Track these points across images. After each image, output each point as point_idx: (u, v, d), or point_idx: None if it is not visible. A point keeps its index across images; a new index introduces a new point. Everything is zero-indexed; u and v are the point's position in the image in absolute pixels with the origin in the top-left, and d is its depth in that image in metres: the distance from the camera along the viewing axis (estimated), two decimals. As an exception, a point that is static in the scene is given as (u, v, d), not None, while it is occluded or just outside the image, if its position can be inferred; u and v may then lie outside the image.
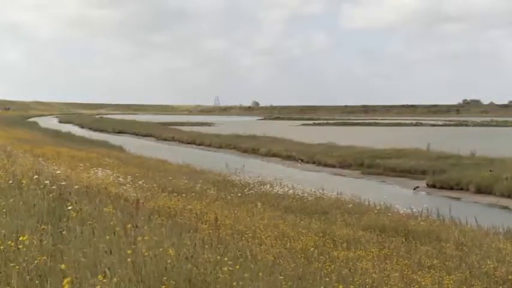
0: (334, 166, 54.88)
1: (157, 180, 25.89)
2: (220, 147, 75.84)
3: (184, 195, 21.58)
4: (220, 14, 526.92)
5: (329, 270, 10.92)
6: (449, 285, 11.58)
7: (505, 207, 34.56)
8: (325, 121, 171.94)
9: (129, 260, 7.35)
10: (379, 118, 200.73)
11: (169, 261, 7.65)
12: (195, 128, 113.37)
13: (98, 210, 11.10)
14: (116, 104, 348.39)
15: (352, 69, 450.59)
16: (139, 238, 8.55)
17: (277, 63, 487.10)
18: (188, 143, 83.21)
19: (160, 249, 7.97)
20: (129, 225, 9.40)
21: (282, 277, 8.61)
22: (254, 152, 68.54)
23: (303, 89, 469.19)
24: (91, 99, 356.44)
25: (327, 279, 9.26)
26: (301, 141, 73.43)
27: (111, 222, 9.70)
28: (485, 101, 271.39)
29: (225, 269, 7.69)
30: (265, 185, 30.73)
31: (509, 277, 13.12)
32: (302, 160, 59.21)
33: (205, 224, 13.88)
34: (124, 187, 20.14)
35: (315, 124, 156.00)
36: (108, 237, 8.46)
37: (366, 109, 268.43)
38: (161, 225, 11.46)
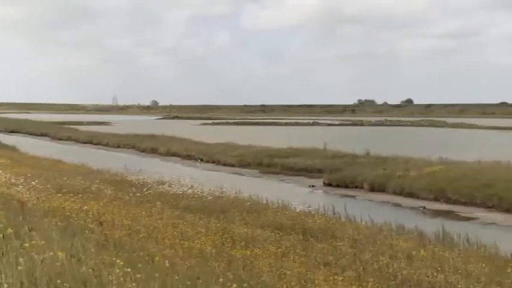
0: (233, 165, 55.27)
1: (52, 180, 25.25)
2: (118, 146, 75.04)
3: (80, 195, 21.14)
4: (125, 13, 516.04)
5: (226, 269, 10.96)
6: (343, 282, 11.84)
7: (398, 205, 35.70)
8: (224, 120, 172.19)
9: (20, 263, 7.13)
10: (277, 118, 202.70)
11: (62, 263, 7.47)
12: (93, 127, 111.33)
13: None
14: (10, 103, 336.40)
15: (252, 69, 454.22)
16: (32, 241, 8.30)
17: (179, 63, 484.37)
18: (85, 143, 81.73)
19: (53, 252, 7.77)
20: (20, 228, 9.11)
21: (178, 277, 8.56)
22: (153, 151, 68.24)
23: (203, 89, 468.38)
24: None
25: (221, 279, 9.26)
26: (200, 140, 73.43)
27: (1, 225, 9.37)
28: (379, 101, 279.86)
29: (120, 270, 7.57)
30: (164, 184, 30.54)
31: (400, 273, 13.55)
32: (202, 159, 59.39)
33: (102, 225, 13.64)
34: (17, 188, 19.56)
35: (214, 123, 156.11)
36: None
37: (264, 109, 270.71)
38: (55, 226, 11.18)
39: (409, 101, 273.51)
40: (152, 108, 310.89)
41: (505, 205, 32.67)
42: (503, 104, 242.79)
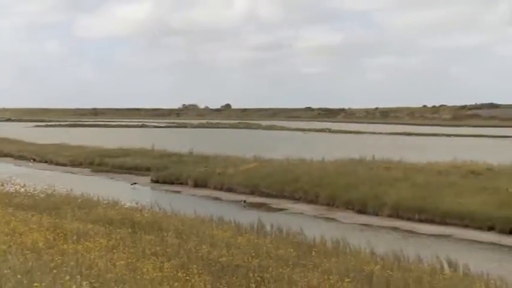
0: (66, 165, 53.95)
1: None
2: (-51, 148, 70.03)
3: None
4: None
5: (58, 262, 10.52)
6: (169, 270, 11.80)
7: (217, 198, 36.35)
8: (58, 123, 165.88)
9: None
10: (108, 120, 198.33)
11: None
12: None
13: None
14: None
15: (85, 75, 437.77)
16: None
17: (12, 69, 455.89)
18: None
19: None
20: None
21: (10, 271, 8.12)
22: (-15, 152, 64.69)
23: (37, 94, 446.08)
24: None
25: (55, 271, 8.92)
26: (33, 141, 70.69)
27: None
28: (202, 105, 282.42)
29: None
30: (-4, 184, 28.92)
31: (220, 260, 13.75)
32: (34, 160, 57.42)
33: None
34: None
35: (47, 125, 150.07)
36: None
37: (96, 112, 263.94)
38: None
39: (228, 106, 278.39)
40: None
41: (309, 197, 34.31)
42: (308, 109, 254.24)
